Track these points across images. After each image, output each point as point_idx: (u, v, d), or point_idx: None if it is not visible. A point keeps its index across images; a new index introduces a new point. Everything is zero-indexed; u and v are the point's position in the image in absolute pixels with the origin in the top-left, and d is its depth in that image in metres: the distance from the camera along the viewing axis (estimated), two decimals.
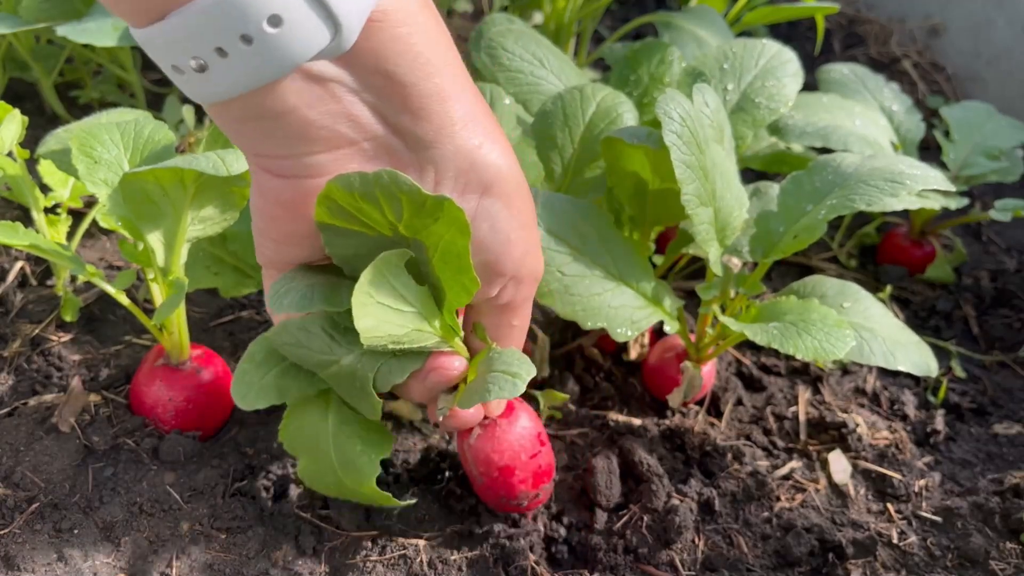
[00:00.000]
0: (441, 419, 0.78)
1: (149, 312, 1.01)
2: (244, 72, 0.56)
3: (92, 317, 1.12)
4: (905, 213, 1.52)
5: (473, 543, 0.88)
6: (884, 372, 1.20)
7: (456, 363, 0.74)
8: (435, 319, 0.71)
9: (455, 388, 0.77)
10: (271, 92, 0.57)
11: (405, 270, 0.68)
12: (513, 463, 0.83)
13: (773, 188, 1.10)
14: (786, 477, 1.00)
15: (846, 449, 1.05)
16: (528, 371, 0.71)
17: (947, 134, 1.46)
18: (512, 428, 0.83)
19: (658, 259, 1.18)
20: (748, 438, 1.06)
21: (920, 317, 1.36)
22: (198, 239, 0.88)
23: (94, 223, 1.27)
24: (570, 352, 1.14)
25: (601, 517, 0.92)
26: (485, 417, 0.83)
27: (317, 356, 0.75)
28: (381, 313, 0.66)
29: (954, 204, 1.28)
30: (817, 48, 2.00)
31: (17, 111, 0.95)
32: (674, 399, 1.05)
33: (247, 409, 0.77)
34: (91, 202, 1.24)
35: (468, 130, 0.64)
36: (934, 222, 1.46)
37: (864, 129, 1.27)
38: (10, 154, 0.98)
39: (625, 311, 0.92)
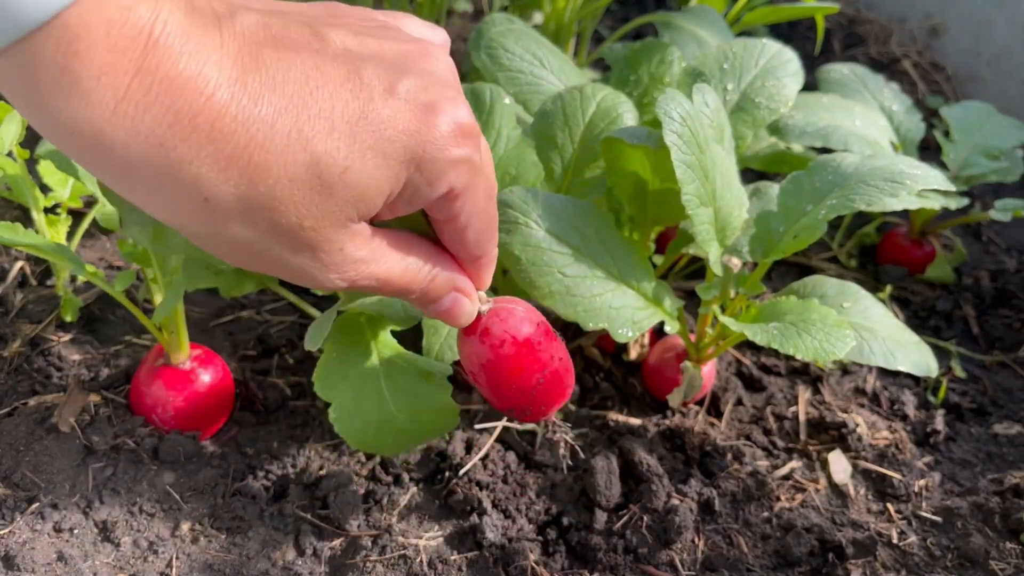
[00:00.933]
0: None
1: (149, 312, 1.01)
2: None
3: (92, 317, 1.12)
4: (905, 213, 1.52)
5: (473, 543, 0.88)
6: (884, 372, 1.20)
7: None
8: None
9: None
10: None
11: None
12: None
13: (773, 188, 1.10)
14: (786, 477, 1.00)
15: (846, 449, 1.05)
16: None
17: (947, 134, 1.46)
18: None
19: (658, 259, 1.18)
20: (748, 438, 1.06)
21: (920, 317, 1.36)
22: None
23: (94, 223, 1.27)
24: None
25: (601, 517, 0.92)
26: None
27: None
28: None
29: (954, 204, 1.28)
30: (817, 48, 2.00)
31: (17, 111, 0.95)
32: (674, 399, 1.04)
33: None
34: (91, 202, 1.24)
35: None
36: (934, 222, 1.46)
37: (864, 129, 1.27)
38: (10, 154, 0.98)
39: (626, 312, 0.92)
